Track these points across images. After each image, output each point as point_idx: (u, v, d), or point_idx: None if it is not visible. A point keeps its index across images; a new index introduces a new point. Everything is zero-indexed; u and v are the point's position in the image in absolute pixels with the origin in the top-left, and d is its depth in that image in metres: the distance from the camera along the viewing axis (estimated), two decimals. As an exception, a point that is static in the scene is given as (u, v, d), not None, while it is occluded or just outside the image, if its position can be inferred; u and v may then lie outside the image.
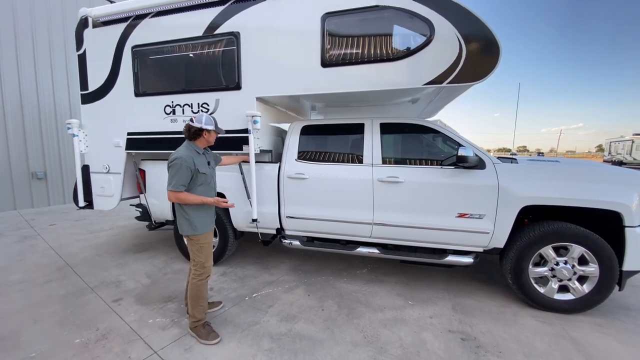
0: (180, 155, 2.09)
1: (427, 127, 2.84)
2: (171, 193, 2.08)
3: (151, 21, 3.21)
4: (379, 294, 2.82)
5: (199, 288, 2.22)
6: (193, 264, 2.25)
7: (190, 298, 2.22)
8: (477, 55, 2.38)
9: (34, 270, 3.36)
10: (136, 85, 3.36)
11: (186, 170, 2.07)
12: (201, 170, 2.18)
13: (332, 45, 2.69)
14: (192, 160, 2.12)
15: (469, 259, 2.69)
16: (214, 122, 2.24)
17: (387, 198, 2.78)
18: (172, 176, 2.06)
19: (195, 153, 2.19)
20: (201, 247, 2.22)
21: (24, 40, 6.57)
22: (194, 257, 2.23)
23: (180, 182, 2.06)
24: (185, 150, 2.15)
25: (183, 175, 2.06)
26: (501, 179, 2.53)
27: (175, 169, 2.05)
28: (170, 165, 2.08)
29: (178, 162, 2.05)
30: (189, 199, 2.11)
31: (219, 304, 2.59)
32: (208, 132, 2.22)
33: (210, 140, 2.27)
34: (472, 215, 2.59)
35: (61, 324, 2.34)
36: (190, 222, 2.17)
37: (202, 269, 2.23)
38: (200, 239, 2.21)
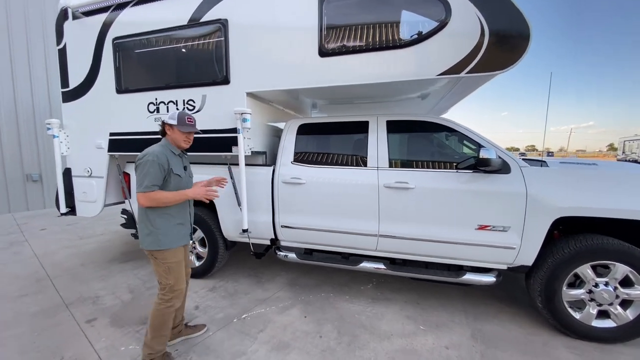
0: (151, 150, 1.80)
1: (441, 125, 2.47)
2: (142, 196, 1.73)
3: (132, 10, 2.91)
4: (386, 316, 2.47)
5: (165, 316, 1.86)
6: (160, 287, 1.88)
7: (152, 327, 1.85)
8: (503, 38, 2.01)
9: (10, 282, 3.11)
10: (118, 81, 3.07)
11: (158, 168, 1.76)
12: (175, 170, 1.86)
13: (331, 32, 2.35)
14: (166, 158, 1.82)
15: (491, 277, 2.32)
16: (177, 117, 1.87)
17: (395, 206, 2.43)
18: (142, 176, 1.74)
19: (170, 152, 1.88)
20: (169, 268, 1.84)
21: (19, 37, 6.39)
22: (160, 279, 1.87)
23: (153, 181, 1.74)
24: (158, 147, 1.85)
25: (155, 173, 1.74)
26: (530, 185, 2.16)
27: (146, 167, 1.74)
28: (139, 163, 1.76)
29: (148, 158, 1.75)
30: (166, 197, 1.76)
31: (202, 328, 2.27)
32: (170, 127, 1.88)
33: (175, 138, 1.90)
34: (495, 227, 2.22)
35: (23, 351, 2.06)
36: (156, 233, 1.80)
37: (172, 293, 1.86)
38: (167, 257, 1.83)
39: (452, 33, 2.08)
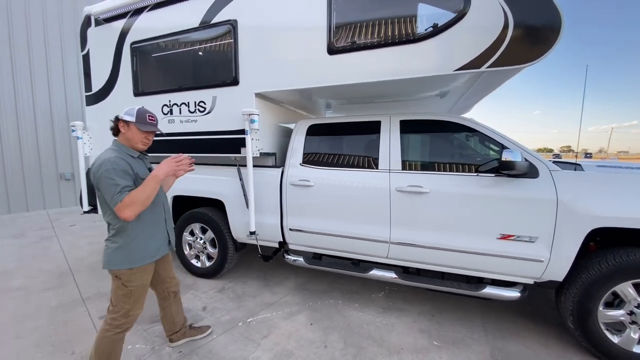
0: (106, 158, 1.49)
1: (459, 125, 2.29)
2: (119, 207, 1.43)
3: (148, 15, 2.98)
4: (397, 328, 2.32)
5: (114, 343, 1.61)
6: (111, 311, 1.60)
7: (98, 356, 1.59)
8: (529, 30, 1.81)
9: (37, 275, 3.29)
10: (135, 85, 3.16)
11: (123, 174, 1.49)
12: (142, 175, 1.60)
13: (339, 28, 2.25)
14: (126, 163, 1.54)
15: (515, 292, 2.10)
16: (136, 113, 1.60)
17: (408, 212, 2.28)
18: (109, 187, 1.44)
19: (128, 156, 1.60)
20: (131, 292, 1.58)
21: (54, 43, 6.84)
22: (116, 302, 1.59)
23: (126, 189, 1.46)
24: (111, 152, 1.55)
25: (122, 179, 1.47)
26: (561, 191, 1.93)
27: (109, 178, 1.44)
28: (98, 177, 1.46)
29: (106, 167, 1.45)
30: (141, 192, 1.47)
31: (207, 329, 2.24)
32: (126, 124, 1.59)
33: (131, 138, 1.61)
34: (520, 237, 2.01)
35: (39, 344, 2.14)
36: (128, 248, 1.55)
37: (125, 319, 1.60)
38: (134, 279, 1.58)
39: (471, 24, 1.91)
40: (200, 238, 3.13)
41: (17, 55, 6.44)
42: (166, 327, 2.08)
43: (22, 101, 6.55)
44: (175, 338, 2.08)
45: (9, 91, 6.37)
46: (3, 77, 6.29)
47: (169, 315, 2.03)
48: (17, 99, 6.48)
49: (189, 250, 3.23)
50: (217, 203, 3.01)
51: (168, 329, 2.08)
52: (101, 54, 3.35)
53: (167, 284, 1.94)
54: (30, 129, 6.71)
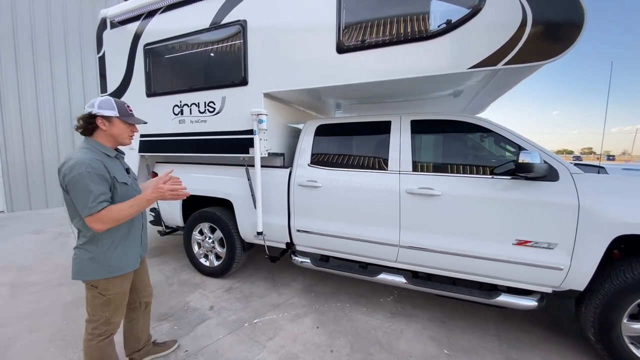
0: (80, 159, 1.32)
1: (474, 125, 2.21)
2: (92, 219, 1.31)
3: (161, 17, 3.03)
4: (405, 334, 2.25)
5: (101, 350, 1.51)
6: (90, 320, 1.50)
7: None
8: (549, 24, 1.71)
9: (52, 271, 3.39)
10: (147, 86, 3.22)
11: (98, 179, 1.34)
12: (120, 178, 1.46)
13: (349, 26, 2.21)
14: (102, 165, 1.38)
15: (531, 301, 2.00)
16: (116, 106, 1.45)
17: (418, 215, 2.21)
18: (82, 193, 1.30)
19: (104, 156, 1.45)
20: (110, 300, 1.47)
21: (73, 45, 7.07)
22: (93, 312, 1.48)
23: (101, 197, 1.32)
24: (85, 153, 1.38)
25: (98, 185, 1.33)
26: (583, 195, 1.82)
27: (83, 182, 1.30)
28: (70, 180, 1.31)
29: (79, 170, 1.30)
30: (123, 210, 1.36)
31: (173, 345, 2.04)
32: (107, 120, 1.43)
33: (116, 134, 1.47)
34: (538, 243, 1.91)
35: (52, 338, 2.20)
36: (103, 258, 1.42)
37: (106, 326, 1.50)
38: (112, 287, 1.46)
39: (487, 20, 1.82)
40: (209, 237, 3.15)
41: (38, 58, 6.71)
42: (128, 343, 1.83)
43: (43, 102, 6.82)
44: (136, 357, 1.85)
45: (31, 93, 6.65)
46: (25, 79, 6.57)
47: (134, 329, 1.80)
48: (38, 100, 6.75)
49: (198, 249, 3.26)
50: (225, 203, 3.02)
51: (130, 346, 1.83)
52: (116, 56, 3.42)
53: (141, 293, 1.77)
54: (51, 129, 6.98)
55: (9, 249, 4.15)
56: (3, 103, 6.33)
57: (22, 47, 6.50)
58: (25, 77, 6.57)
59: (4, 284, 3.03)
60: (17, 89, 6.49)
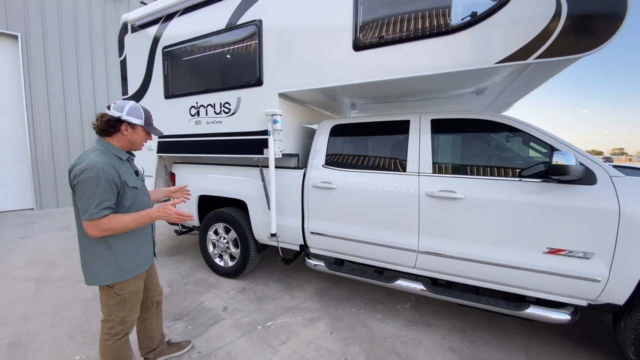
0: (93, 162, 1.33)
1: (499, 124, 2.07)
2: (91, 225, 1.31)
3: (179, 20, 3.07)
4: (424, 344, 2.15)
5: (118, 349, 1.52)
6: (106, 319, 1.52)
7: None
8: (586, 15, 1.57)
9: (75, 267, 3.51)
10: (166, 87, 3.28)
11: (107, 184, 1.33)
12: (130, 183, 1.46)
13: (366, 23, 2.13)
14: (114, 170, 1.38)
15: (564, 314, 1.85)
16: (144, 115, 1.50)
17: (439, 219, 2.10)
18: (87, 197, 1.30)
19: (116, 159, 1.45)
20: (125, 300, 1.49)
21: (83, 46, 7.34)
22: (109, 312, 1.49)
23: (103, 203, 1.32)
24: (99, 156, 1.38)
25: (103, 192, 1.32)
26: (624, 200, 1.66)
27: (90, 187, 1.30)
28: (79, 181, 1.31)
29: (90, 174, 1.30)
30: (124, 222, 1.36)
31: (187, 345, 2.05)
32: (131, 127, 1.47)
33: (134, 141, 1.51)
34: (572, 252, 1.76)
35: (72, 334, 2.25)
36: (115, 261, 1.43)
37: (122, 326, 1.52)
38: (126, 288, 1.48)
39: (515, 11, 1.70)
40: (224, 238, 3.16)
41: (66, 61, 7.06)
42: (143, 344, 1.84)
43: (70, 103, 7.17)
44: (151, 357, 1.86)
45: (59, 95, 7.00)
46: (54, 82, 6.93)
47: (148, 329, 1.82)
48: (65, 101, 7.10)
49: (213, 249, 3.27)
50: (240, 203, 3.01)
51: (145, 346, 1.84)
52: (136, 59, 3.51)
53: (152, 292, 1.79)
54: (77, 130, 7.32)
55: (37, 244, 4.35)
56: (34, 104, 6.69)
57: (51, 51, 6.86)
58: (53, 79, 6.92)
59: (30, 279, 3.17)
60: (47, 90, 6.84)
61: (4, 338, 2.18)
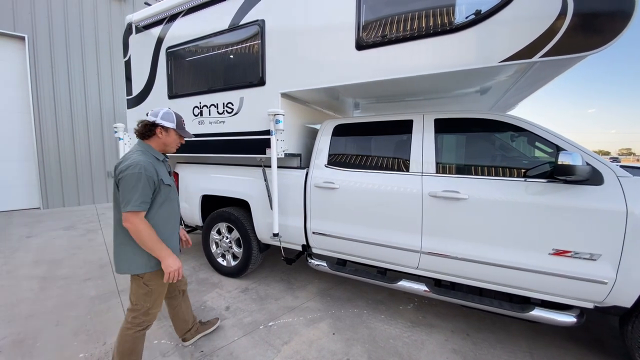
0: (136, 161, 1.50)
1: (504, 123, 2.05)
2: (132, 215, 1.46)
3: (182, 20, 3.09)
4: (427, 346, 2.13)
5: (136, 340, 1.65)
6: (132, 309, 1.64)
7: (120, 353, 1.63)
8: (593, 13, 1.55)
9: (81, 266, 3.55)
10: (169, 88, 3.30)
11: (147, 182, 1.49)
12: (165, 181, 1.63)
13: (369, 22, 2.12)
14: (154, 169, 1.56)
15: (569, 317, 1.82)
16: (175, 120, 1.67)
17: (443, 220, 2.08)
18: (129, 191, 1.46)
19: (154, 159, 1.63)
20: (152, 291, 1.62)
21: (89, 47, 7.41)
22: (136, 302, 1.62)
23: (143, 198, 1.48)
24: (140, 155, 1.56)
25: (143, 189, 1.48)
26: (632, 201, 1.63)
27: (133, 182, 1.46)
28: (124, 176, 1.47)
29: (134, 170, 1.46)
30: (150, 236, 1.50)
31: (216, 322, 2.29)
32: (164, 130, 1.64)
33: (168, 143, 1.69)
34: (578, 254, 1.73)
35: (76, 332, 2.27)
36: (148, 254, 1.56)
37: (145, 317, 1.64)
38: (155, 279, 1.62)
39: (520, 9, 1.68)
40: (227, 237, 3.17)
41: (72, 63, 7.13)
42: (179, 326, 2.06)
43: (75, 104, 7.24)
44: (188, 337, 2.09)
45: (65, 96, 7.08)
46: (60, 83, 7.00)
47: (181, 314, 2.03)
48: (71, 101, 7.17)
49: (216, 249, 3.28)
50: (243, 203, 3.02)
51: (181, 328, 2.06)
52: (141, 60, 3.54)
53: (178, 283, 1.96)
54: (83, 131, 7.39)
55: (43, 243, 4.40)
56: (40, 104, 6.77)
57: (57, 52, 6.94)
58: (59, 80, 6.99)
59: (36, 277, 3.20)
60: (53, 91, 6.92)
61: (9, 336, 2.21)
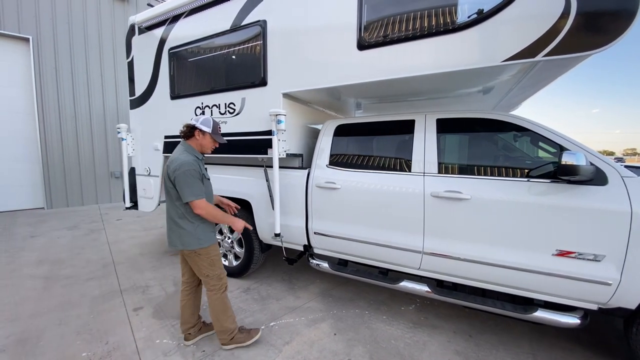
0: (185, 160, 1.83)
1: (507, 123, 2.04)
2: (199, 203, 1.82)
3: (184, 21, 3.11)
4: (429, 347, 2.12)
5: (223, 300, 2.02)
6: (207, 279, 1.98)
7: (219, 313, 2.00)
8: (596, 12, 1.53)
9: (84, 265, 3.57)
10: (172, 89, 3.31)
11: (197, 176, 1.84)
12: (207, 176, 2.00)
13: (371, 22, 2.12)
14: (198, 165, 1.89)
15: (573, 318, 1.80)
16: (212, 126, 1.96)
17: (445, 220, 2.07)
18: (187, 186, 1.80)
19: (194, 157, 1.92)
20: (213, 260, 1.98)
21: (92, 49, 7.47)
22: (207, 272, 1.96)
23: (199, 188, 1.84)
24: (186, 155, 1.89)
25: (197, 182, 1.83)
26: (637, 201, 1.61)
27: (187, 177, 1.79)
28: (179, 174, 1.80)
29: (187, 168, 1.80)
30: (216, 211, 1.90)
31: None
32: (202, 133, 1.95)
33: (204, 144, 1.99)
34: (582, 255, 1.71)
35: (79, 331, 2.28)
36: (198, 233, 1.92)
37: (220, 281, 2.01)
38: (210, 252, 1.97)
39: (523, 8, 1.67)
40: (228, 237, 3.17)
41: (75, 65, 7.19)
42: (186, 317, 2.11)
43: (79, 105, 7.30)
44: (193, 333, 2.14)
45: (69, 97, 7.14)
46: (64, 84, 7.06)
47: (197, 302, 2.17)
48: (75, 103, 7.24)
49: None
50: (244, 203, 3.02)
51: (186, 320, 2.12)
52: (143, 61, 3.56)
53: (198, 273, 2.10)
54: (87, 131, 7.45)
55: (46, 243, 4.43)
56: (44, 105, 6.83)
57: (61, 54, 7.00)
58: (63, 81, 7.06)
59: (39, 277, 3.23)
60: (57, 92, 6.98)
61: (13, 334, 2.23)
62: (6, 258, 3.79)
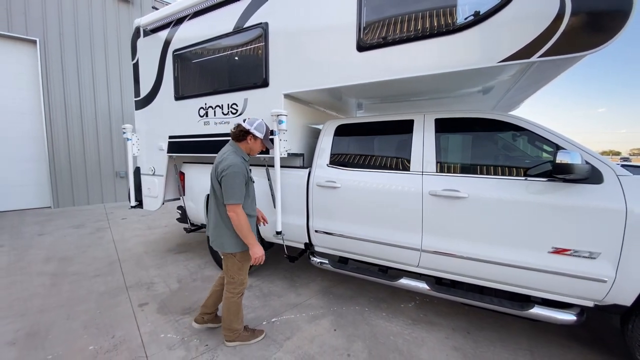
0: (234, 161, 1.87)
1: (504, 123, 2.06)
2: (236, 207, 1.84)
3: (188, 24, 3.17)
4: (427, 342, 2.15)
5: (238, 303, 2.07)
6: (230, 282, 2.04)
7: (231, 314, 2.06)
8: (591, 12, 1.56)
9: (90, 263, 3.65)
10: (176, 89, 3.37)
11: (243, 179, 1.88)
12: (252, 178, 2.08)
13: (370, 24, 2.16)
14: (245, 167, 1.94)
15: (569, 315, 1.83)
16: (265, 131, 2.04)
17: (443, 218, 2.11)
18: (231, 187, 1.83)
19: (242, 159, 1.97)
20: (242, 266, 2.03)
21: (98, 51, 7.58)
22: (232, 275, 2.02)
23: (241, 192, 1.87)
24: (235, 156, 1.92)
25: (241, 185, 1.87)
26: (632, 199, 1.64)
27: (234, 179, 1.83)
28: (226, 174, 1.83)
29: (235, 169, 1.83)
30: (245, 223, 1.89)
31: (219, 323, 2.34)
32: (254, 138, 2.02)
33: (254, 149, 2.07)
34: (577, 252, 1.74)
35: (86, 325, 2.35)
36: (237, 237, 1.95)
37: (241, 286, 2.06)
38: (244, 257, 2.03)
39: (518, 9, 1.70)
40: (231, 236, 3.22)
41: (81, 66, 7.31)
42: (209, 304, 2.24)
43: (85, 105, 7.41)
44: (205, 319, 2.25)
45: (75, 98, 7.26)
46: (70, 85, 7.18)
47: (215, 294, 2.25)
48: (81, 103, 7.35)
49: (220, 247, 3.34)
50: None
51: (208, 306, 2.24)
52: (148, 62, 3.63)
53: None
54: (92, 132, 7.57)
55: (54, 241, 4.53)
56: (51, 106, 6.95)
57: (68, 56, 7.12)
58: (70, 82, 7.17)
59: (47, 274, 3.31)
60: (63, 93, 7.10)
61: (23, 329, 2.30)
62: (15, 256, 3.88)
